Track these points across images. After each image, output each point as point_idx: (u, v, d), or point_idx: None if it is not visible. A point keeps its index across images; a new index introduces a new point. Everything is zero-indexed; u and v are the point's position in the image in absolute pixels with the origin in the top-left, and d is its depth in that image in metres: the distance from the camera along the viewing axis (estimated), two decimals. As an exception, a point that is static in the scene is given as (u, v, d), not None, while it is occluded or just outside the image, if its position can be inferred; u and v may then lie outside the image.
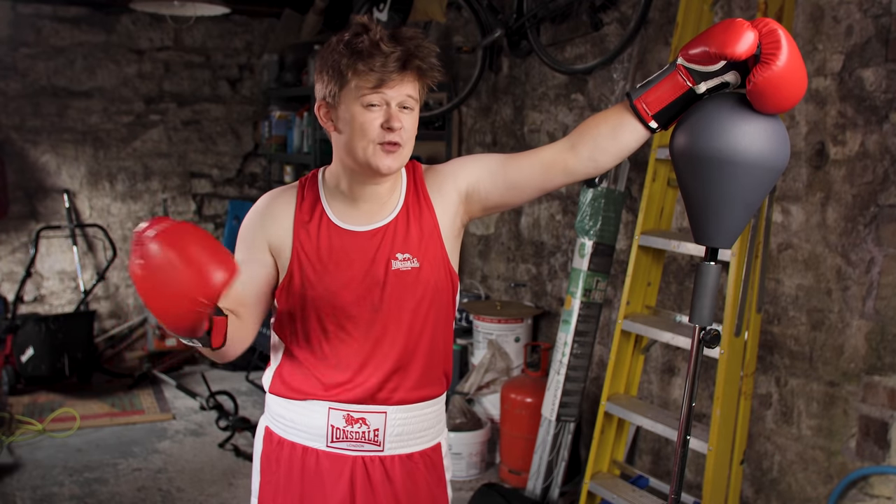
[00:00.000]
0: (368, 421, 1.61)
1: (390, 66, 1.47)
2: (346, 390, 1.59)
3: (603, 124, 1.49)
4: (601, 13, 3.51)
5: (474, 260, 4.63)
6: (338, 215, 1.61)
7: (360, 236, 1.59)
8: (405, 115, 1.52)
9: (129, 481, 3.70)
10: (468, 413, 3.85)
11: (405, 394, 1.62)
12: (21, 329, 4.74)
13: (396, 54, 1.47)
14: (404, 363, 1.61)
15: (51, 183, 5.34)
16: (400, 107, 1.51)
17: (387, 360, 1.59)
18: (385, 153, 1.51)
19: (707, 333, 1.43)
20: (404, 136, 1.51)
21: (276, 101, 5.56)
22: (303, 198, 1.63)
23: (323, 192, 1.63)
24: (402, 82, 1.50)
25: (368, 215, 1.61)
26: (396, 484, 1.63)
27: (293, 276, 1.59)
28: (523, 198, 1.62)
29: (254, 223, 1.63)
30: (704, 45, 1.31)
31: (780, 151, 1.32)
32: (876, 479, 2.53)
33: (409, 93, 1.51)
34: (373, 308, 1.58)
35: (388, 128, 1.49)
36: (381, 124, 1.50)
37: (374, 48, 1.47)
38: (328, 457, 1.62)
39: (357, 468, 1.62)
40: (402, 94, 1.50)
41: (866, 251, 2.54)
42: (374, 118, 1.50)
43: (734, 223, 1.37)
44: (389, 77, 1.48)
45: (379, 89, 1.48)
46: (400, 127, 1.50)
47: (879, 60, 2.49)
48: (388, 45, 1.47)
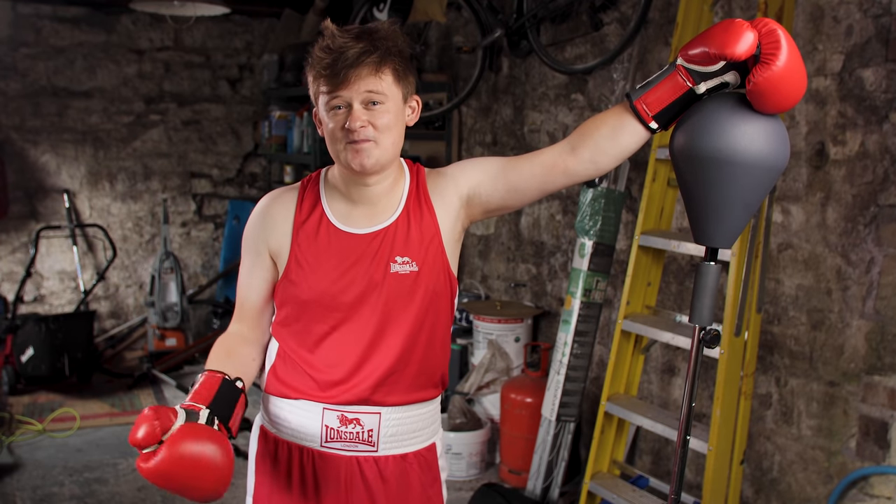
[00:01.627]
0: (363, 421, 1.60)
1: (340, 64, 1.46)
2: (341, 392, 1.59)
3: (603, 126, 1.48)
4: (601, 13, 3.51)
5: (474, 260, 4.63)
6: (337, 217, 1.60)
7: (359, 238, 1.59)
8: (374, 111, 1.50)
9: (129, 481, 3.70)
10: (468, 413, 3.84)
11: (400, 396, 1.61)
12: (21, 329, 4.74)
13: (344, 52, 1.46)
14: (401, 366, 1.60)
15: (51, 183, 5.34)
16: (365, 103, 1.49)
17: (383, 363, 1.59)
18: (354, 153, 1.50)
19: (707, 333, 1.43)
20: (371, 132, 1.50)
21: (276, 101, 5.57)
22: (303, 198, 1.63)
23: (324, 192, 1.63)
24: (358, 77, 1.48)
25: (368, 217, 1.60)
26: (390, 484, 1.63)
27: (290, 276, 1.59)
28: (524, 200, 1.62)
29: (255, 227, 1.64)
30: (704, 46, 1.30)
31: (780, 151, 1.32)
32: (876, 479, 2.53)
33: (370, 88, 1.49)
34: (370, 311, 1.58)
35: (347, 128, 1.49)
36: (342, 126, 1.50)
37: (324, 52, 1.48)
38: (322, 457, 1.62)
39: (351, 468, 1.61)
40: (361, 90, 1.48)
41: (866, 251, 2.54)
42: (339, 121, 1.50)
43: (734, 223, 1.36)
44: (342, 75, 1.47)
45: (336, 91, 1.48)
46: (361, 126, 1.48)
47: (879, 60, 2.49)
48: (335, 44, 1.47)
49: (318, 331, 1.59)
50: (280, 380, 1.64)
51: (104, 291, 5.55)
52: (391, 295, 1.57)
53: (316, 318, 1.59)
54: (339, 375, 1.59)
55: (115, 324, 5.61)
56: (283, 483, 1.64)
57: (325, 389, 1.59)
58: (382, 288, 1.57)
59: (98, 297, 5.52)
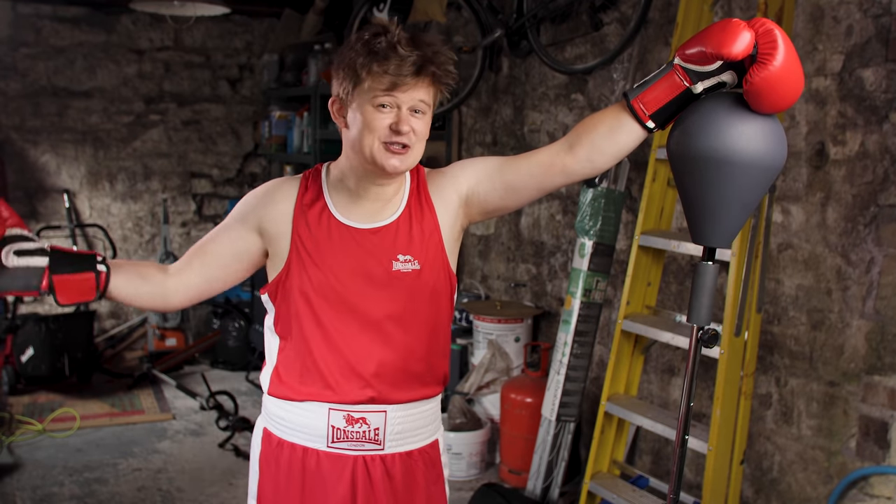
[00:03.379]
0: (369, 420, 1.60)
1: (405, 70, 1.47)
2: (346, 391, 1.59)
3: (600, 125, 1.49)
4: (601, 13, 3.51)
5: (474, 260, 4.63)
6: (340, 210, 1.60)
7: (361, 233, 1.59)
8: (416, 119, 1.52)
9: (129, 481, 3.70)
10: (468, 413, 3.85)
11: (405, 393, 1.62)
12: (21, 329, 4.74)
13: (412, 59, 1.47)
14: (404, 363, 1.61)
15: (51, 183, 5.34)
16: (411, 111, 1.51)
17: (387, 361, 1.59)
18: (391, 153, 1.51)
19: (705, 333, 1.43)
20: (412, 139, 1.52)
21: (276, 101, 5.57)
22: (306, 189, 1.63)
23: (326, 186, 1.63)
24: (415, 87, 1.50)
25: (371, 213, 1.60)
26: (397, 482, 1.64)
27: (291, 269, 1.59)
28: (522, 200, 1.62)
29: (252, 202, 1.63)
30: (701, 45, 1.31)
31: (777, 151, 1.32)
32: (876, 479, 2.53)
33: (421, 97, 1.51)
34: (373, 308, 1.58)
35: (395, 130, 1.49)
36: (389, 125, 1.50)
37: (391, 50, 1.47)
38: (329, 457, 1.62)
39: (358, 467, 1.62)
40: (414, 98, 1.50)
41: (866, 251, 2.54)
42: (384, 118, 1.50)
43: (731, 223, 1.37)
44: (403, 81, 1.48)
45: (391, 92, 1.49)
46: (408, 130, 1.50)
47: (879, 60, 2.49)
48: (405, 49, 1.47)
49: (320, 327, 1.59)
50: (283, 382, 1.64)
51: (104, 291, 5.55)
52: (393, 292, 1.58)
53: (317, 313, 1.58)
54: (342, 373, 1.59)
55: (115, 324, 5.61)
56: (288, 484, 1.64)
57: (330, 388, 1.59)
58: (384, 285, 1.58)
59: (98, 297, 5.51)
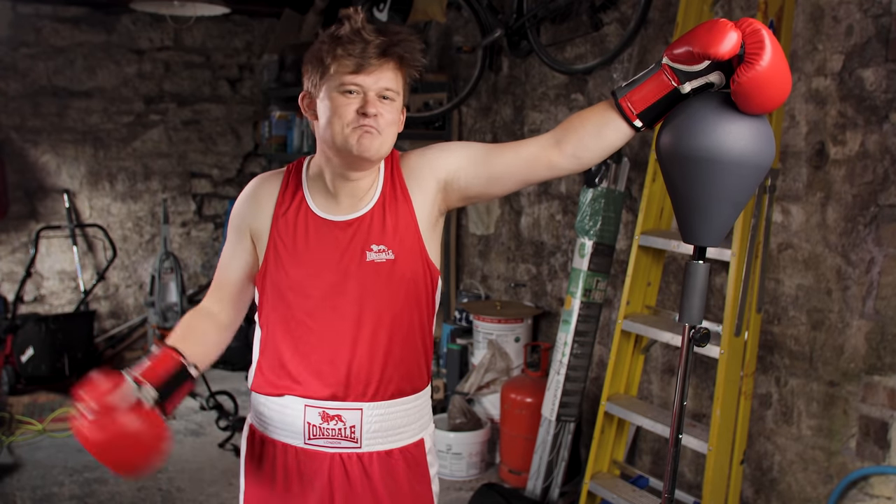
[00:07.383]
0: (344, 418, 1.59)
1: (369, 52, 1.48)
2: (320, 386, 1.58)
3: (588, 122, 1.48)
4: (601, 13, 3.51)
5: (474, 260, 4.63)
6: (317, 204, 1.61)
7: (336, 226, 1.59)
8: (384, 104, 1.51)
9: (128, 481, 3.70)
10: (468, 413, 3.85)
11: (381, 390, 1.60)
12: (21, 329, 4.74)
13: (377, 42, 1.48)
14: (379, 358, 1.58)
15: (51, 183, 5.34)
16: (379, 96, 1.51)
17: (361, 355, 1.57)
18: (360, 135, 1.50)
19: (697, 332, 1.43)
20: (381, 123, 1.51)
21: (276, 101, 5.56)
22: (286, 184, 1.64)
23: (305, 180, 1.64)
24: (380, 70, 1.50)
25: (347, 206, 1.60)
26: (375, 481, 1.62)
27: (269, 263, 1.60)
28: (504, 190, 1.61)
29: (241, 208, 1.67)
30: (688, 45, 1.31)
31: (765, 150, 1.32)
32: (876, 479, 2.53)
33: (387, 83, 1.51)
34: (346, 300, 1.57)
35: (362, 112, 1.49)
36: (356, 109, 1.50)
37: (355, 35, 1.48)
38: (306, 454, 1.61)
39: (335, 465, 1.61)
40: (380, 83, 1.50)
41: (866, 251, 2.54)
42: (350, 103, 1.50)
43: (721, 221, 1.37)
44: (368, 62, 1.48)
45: (357, 74, 1.49)
46: (375, 114, 1.49)
47: (879, 60, 2.49)
48: (369, 34, 1.48)
49: (295, 321, 1.59)
50: (264, 376, 1.64)
51: (104, 291, 5.55)
52: (368, 284, 1.57)
53: (292, 307, 1.58)
54: (316, 367, 1.58)
55: (115, 324, 5.61)
56: (270, 482, 1.64)
57: (304, 383, 1.59)
58: (358, 277, 1.56)
59: (98, 297, 5.51)
